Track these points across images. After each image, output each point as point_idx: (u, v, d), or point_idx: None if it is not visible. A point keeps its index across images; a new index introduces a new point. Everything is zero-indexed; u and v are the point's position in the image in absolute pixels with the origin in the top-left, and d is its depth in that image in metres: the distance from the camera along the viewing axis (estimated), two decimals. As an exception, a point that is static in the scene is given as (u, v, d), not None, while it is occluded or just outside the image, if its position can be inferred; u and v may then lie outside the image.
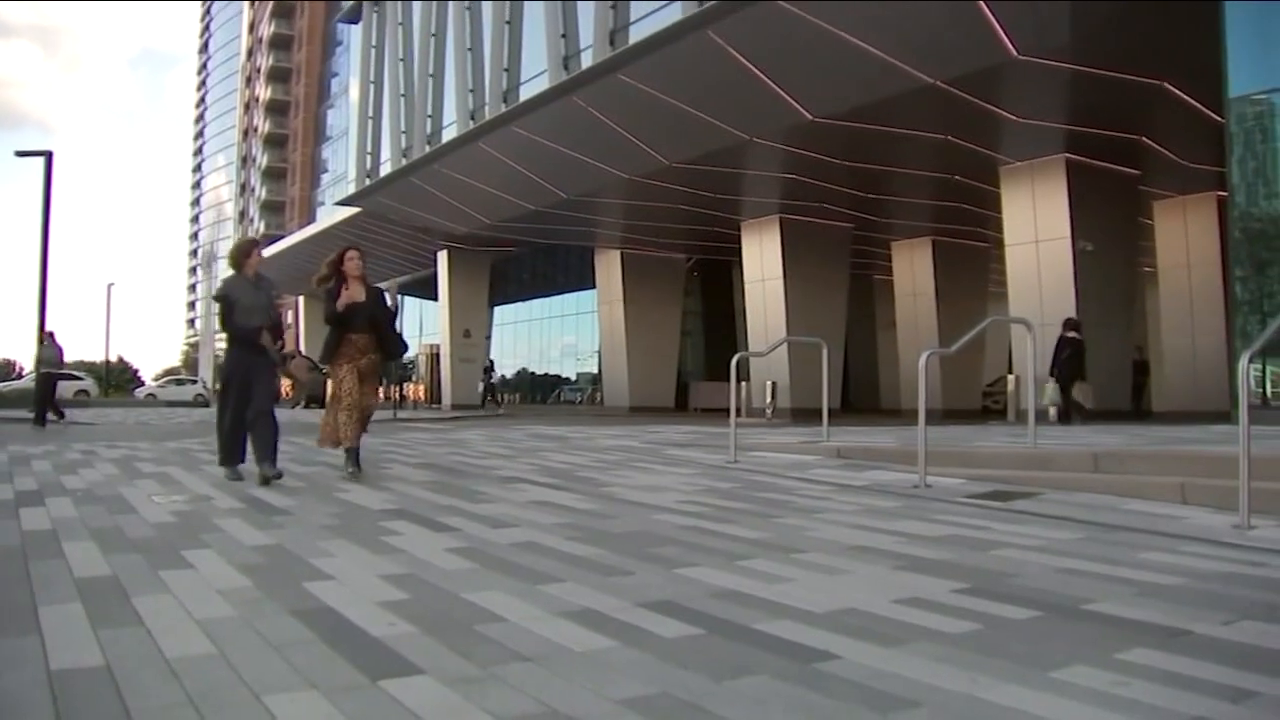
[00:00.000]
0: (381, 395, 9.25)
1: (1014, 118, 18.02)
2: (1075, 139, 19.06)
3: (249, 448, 7.99)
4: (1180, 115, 17.41)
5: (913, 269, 29.46)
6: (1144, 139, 19.10)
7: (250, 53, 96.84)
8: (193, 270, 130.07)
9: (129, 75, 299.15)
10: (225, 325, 7.97)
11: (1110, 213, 20.21)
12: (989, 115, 17.85)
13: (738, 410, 10.56)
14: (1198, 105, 16.68)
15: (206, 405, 42.04)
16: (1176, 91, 16.58)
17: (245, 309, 7.91)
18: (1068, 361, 17.04)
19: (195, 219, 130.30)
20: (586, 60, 21.73)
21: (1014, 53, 14.94)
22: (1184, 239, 22.94)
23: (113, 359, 62.01)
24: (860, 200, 24.66)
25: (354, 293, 8.03)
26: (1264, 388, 13.39)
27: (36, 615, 3.56)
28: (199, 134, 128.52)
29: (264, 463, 7.68)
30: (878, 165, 21.72)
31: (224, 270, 9.28)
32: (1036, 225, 20.01)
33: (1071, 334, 17.41)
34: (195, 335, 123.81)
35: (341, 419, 8.08)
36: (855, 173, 22.13)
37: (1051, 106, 17.83)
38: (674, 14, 18.61)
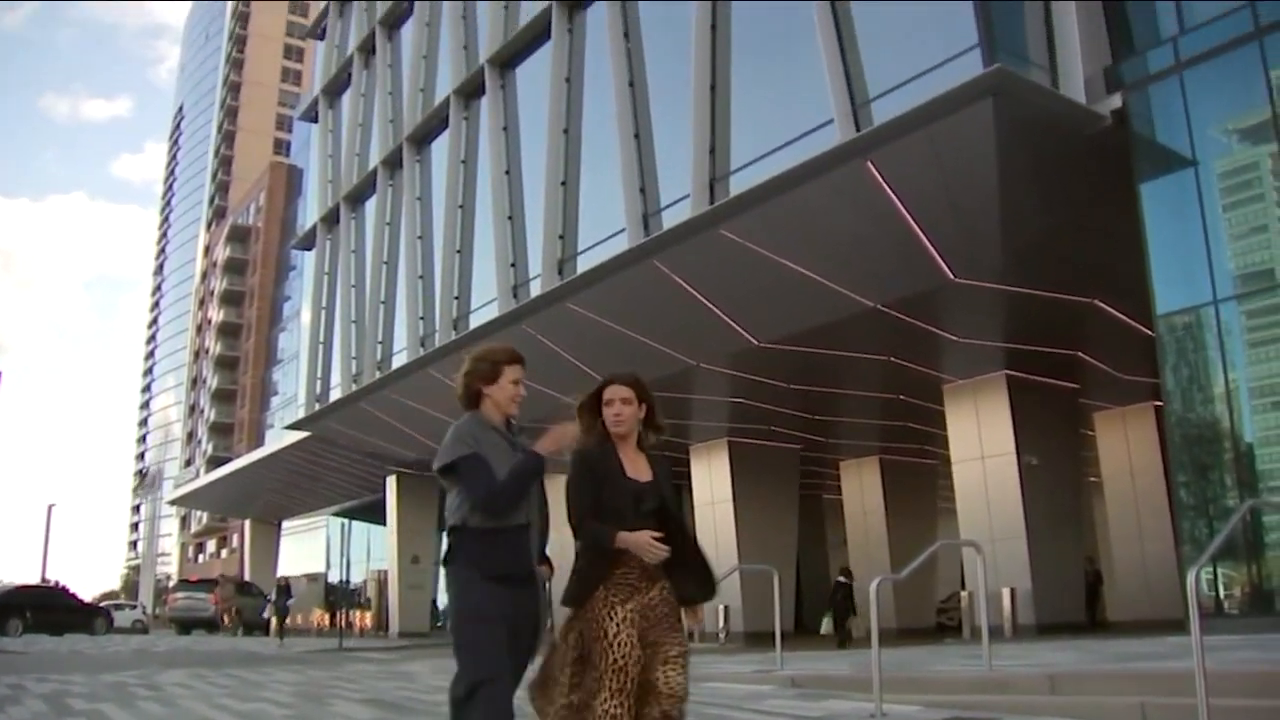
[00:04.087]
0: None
1: (954, 338, 18.56)
2: (1014, 356, 19.60)
3: None
4: (1113, 331, 18.08)
5: (861, 488, 29.62)
6: (1080, 354, 19.72)
7: (204, 276, 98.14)
8: (136, 491, 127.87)
9: (83, 296, 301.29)
10: (477, 509, 4.30)
11: (1053, 426, 20.58)
12: (930, 336, 18.37)
13: (690, 636, 10.35)
14: (1129, 321, 17.27)
15: (145, 632, 40.58)
16: (1108, 309, 17.28)
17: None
18: (842, 600, 21.84)
19: (142, 439, 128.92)
20: (535, 289, 22.18)
21: (951, 276, 15.50)
22: (1126, 448, 23.32)
23: (49, 581, 59.76)
24: (807, 422, 24.98)
25: (635, 466, 4.34)
26: (1217, 591, 13.38)
27: None
28: (149, 354, 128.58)
29: None
30: (824, 388, 22.12)
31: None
32: (981, 442, 20.29)
33: (842, 579, 22.86)
34: (136, 558, 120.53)
35: None
36: (802, 395, 22.47)
37: (990, 326, 18.44)
38: (621, 244, 19.17)
